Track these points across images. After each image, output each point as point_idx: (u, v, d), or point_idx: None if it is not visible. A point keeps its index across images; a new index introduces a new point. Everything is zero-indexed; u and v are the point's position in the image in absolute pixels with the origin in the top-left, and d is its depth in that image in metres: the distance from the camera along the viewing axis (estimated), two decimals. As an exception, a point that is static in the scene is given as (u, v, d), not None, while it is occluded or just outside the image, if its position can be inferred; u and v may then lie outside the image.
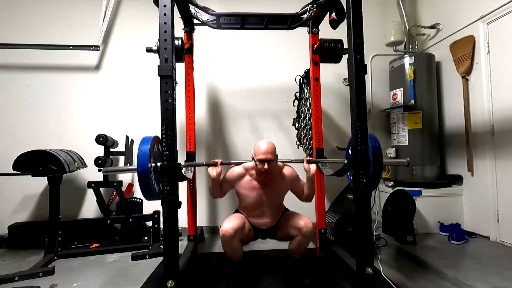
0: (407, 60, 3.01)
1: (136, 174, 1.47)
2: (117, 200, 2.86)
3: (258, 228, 1.94)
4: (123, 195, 2.69)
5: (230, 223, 1.77)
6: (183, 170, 1.70)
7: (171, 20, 1.55)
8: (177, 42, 2.36)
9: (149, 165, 1.48)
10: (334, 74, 3.16)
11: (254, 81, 3.30)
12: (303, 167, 1.88)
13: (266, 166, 1.71)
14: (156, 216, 2.68)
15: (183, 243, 2.48)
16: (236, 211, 2.02)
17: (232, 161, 1.93)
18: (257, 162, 1.74)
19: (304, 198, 1.95)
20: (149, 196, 1.54)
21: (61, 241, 2.49)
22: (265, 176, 1.79)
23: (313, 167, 1.83)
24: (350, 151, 1.77)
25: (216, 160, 1.82)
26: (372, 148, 1.61)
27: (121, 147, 2.89)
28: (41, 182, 2.87)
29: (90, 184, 2.58)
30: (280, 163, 1.88)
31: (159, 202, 1.51)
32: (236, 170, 1.88)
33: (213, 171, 1.79)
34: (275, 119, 3.30)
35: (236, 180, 1.87)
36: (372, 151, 1.61)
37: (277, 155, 1.78)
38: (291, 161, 1.97)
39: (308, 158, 1.90)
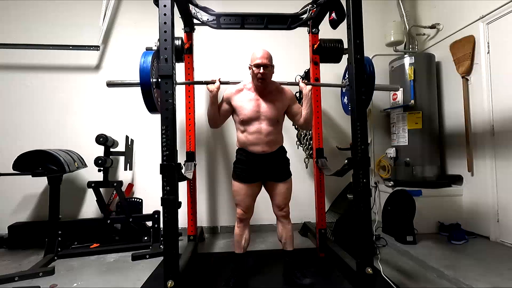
0: (407, 60, 3.01)
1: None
2: (117, 200, 2.86)
3: (255, 154, 1.84)
4: (123, 195, 2.69)
5: (243, 205, 1.87)
6: (183, 170, 1.71)
7: (171, 20, 1.55)
8: (177, 42, 2.36)
9: (151, 80, 1.58)
10: (334, 74, 3.15)
11: (254, 81, 3.29)
12: (299, 86, 1.93)
13: (262, 70, 1.74)
14: (156, 216, 2.68)
15: (183, 243, 2.49)
16: (235, 163, 1.95)
17: (230, 81, 1.93)
18: (253, 68, 1.77)
19: (302, 120, 1.88)
20: (152, 109, 1.67)
21: (61, 241, 2.50)
22: (263, 87, 1.82)
23: (309, 85, 1.87)
24: (347, 75, 1.87)
25: (214, 79, 1.85)
26: (367, 72, 1.80)
27: (121, 147, 2.89)
28: (41, 182, 2.87)
29: (90, 184, 2.58)
30: (277, 83, 1.93)
31: (159, 202, 1.51)
32: (235, 87, 1.91)
33: (212, 86, 1.82)
34: (275, 119, 3.29)
35: (234, 94, 1.88)
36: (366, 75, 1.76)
37: (273, 65, 1.82)
38: (288, 83, 1.98)
39: (304, 80, 1.93)
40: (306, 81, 1.93)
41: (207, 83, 1.86)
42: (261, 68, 1.75)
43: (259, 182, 1.92)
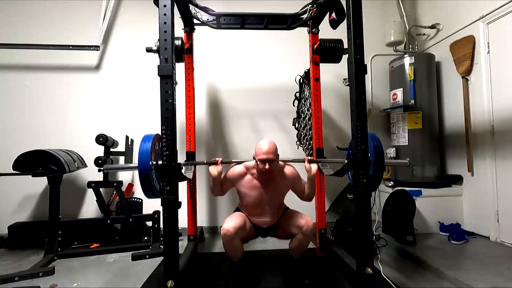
0: (407, 60, 3.01)
1: (136, 172, 1.47)
2: (117, 200, 2.86)
3: (259, 226, 1.95)
4: (123, 195, 2.69)
5: (231, 222, 1.77)
6: (183, 170, 1.71)
7: (171, 20, 1.55)
8: (177, 42, 2.36)
9: (150, 163, 1.48)
10: (334, 74, 3.16)
11: (254, 81, 3.30)
12: (304, 166, 1.88)
13: (267, 166, 1.72)
14: (156, 216, 2.68)
15: (183, 243, 2.48)
16: (237, 209, 2.02)
17: (233, 160, 1.93)
18: (258, 162, 1.75)
19: (304, 197, 1.95)
20: (150, 194, 1.55)
21: (61, 241, 2.49)
22: (266, 175, 1.80)
23: (314, 167, 1.84)
24: (351, 152, 1.77)
25: (216, 159, 1.82)
26: (374, 148, 1.60)
27: (121, 147, 2.89)
28: (41, 182, 2.87)
29: (90, 184, 2.58)
30: (281, 163, 1.89)
31: (159, 202, 1.51)
32: (237, 169, 1.88)
33: (214, 170, 1.79)
34: (275, 119, 3.29)
35: (237, 179, 1.87)
36: (374, 151, 1.60)
37: (278, 154, 1.79)
38: (292, 161, 1.97)
39: (309, 158, 1.90)
40: (311, 158, 1.89)
41: (208, 163, 1.84)
42: (267, 164, 1.72)
43: (257, 236, 2.01)
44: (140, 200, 2.91)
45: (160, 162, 1.52)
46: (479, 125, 2.63)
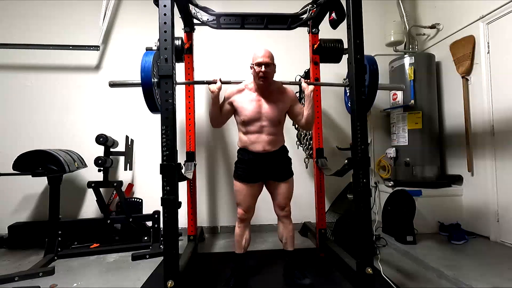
0: (407, 60, 3.01)
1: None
2: (117, 200, 2.86)
3: (256, 153, 1.83)
4: (123, 195, 2.69)
5: (243, 205, 1.86)
6: (183, 170, 1.71)
7: (171, 20, 1.55)
8: (177, 42, 2.36)
9: (153, 80, 1.57)
10: (334, 74, 3.15)
11: (254, 81, 3.29)
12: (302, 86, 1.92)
13: (263, 69, 1.73)
14: (156, 216, 2.68)
15: (183, 243, 2.49)
16: (238, 155, 1.94)
17: (231, 80, 1.93)
18: (255, 67, 1.76)
19: (304, 121, 1.88)
20: (154, 109, 1.67)
21: (61, 241, 2.50)
22: (264, 87, 1.80)
23: (311, 86, 1.86)
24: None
25: (216, 79, 1.84)
26: (370, 71, 1.79)
27: (121, 147, 2.89)
28: (41, 182, 2.87)
29: (90, 184, 2.58)
30: (279, 82, 1.92)
31: (159, 202, 1.51)
32: (236, 86, 1.90)
33: (213, 86, 1.80)
34: (275, 119, 3.29)
35: (235, 95, 1.86)
36: (369, 73, 1.78)
37: (275, 64, 1.81)
38: (290, 83, 1.98)
39: (307, 80, 1.92)
40: (308, 80, 1.92)
41: (208, 83, 1.85)
42: (263, 66, 1.73)
43: (261, 182, 1.91)
44: (140, 200, 2.91)
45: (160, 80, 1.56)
46: (479, 125, 2.63)
